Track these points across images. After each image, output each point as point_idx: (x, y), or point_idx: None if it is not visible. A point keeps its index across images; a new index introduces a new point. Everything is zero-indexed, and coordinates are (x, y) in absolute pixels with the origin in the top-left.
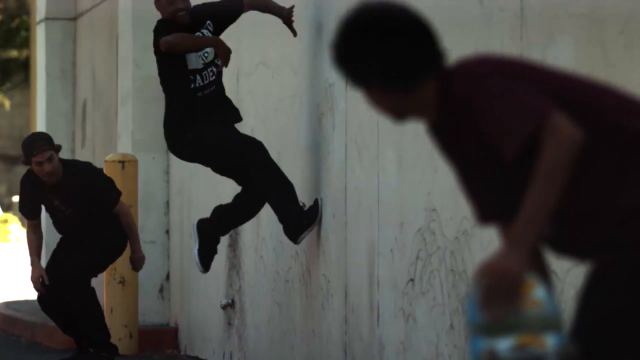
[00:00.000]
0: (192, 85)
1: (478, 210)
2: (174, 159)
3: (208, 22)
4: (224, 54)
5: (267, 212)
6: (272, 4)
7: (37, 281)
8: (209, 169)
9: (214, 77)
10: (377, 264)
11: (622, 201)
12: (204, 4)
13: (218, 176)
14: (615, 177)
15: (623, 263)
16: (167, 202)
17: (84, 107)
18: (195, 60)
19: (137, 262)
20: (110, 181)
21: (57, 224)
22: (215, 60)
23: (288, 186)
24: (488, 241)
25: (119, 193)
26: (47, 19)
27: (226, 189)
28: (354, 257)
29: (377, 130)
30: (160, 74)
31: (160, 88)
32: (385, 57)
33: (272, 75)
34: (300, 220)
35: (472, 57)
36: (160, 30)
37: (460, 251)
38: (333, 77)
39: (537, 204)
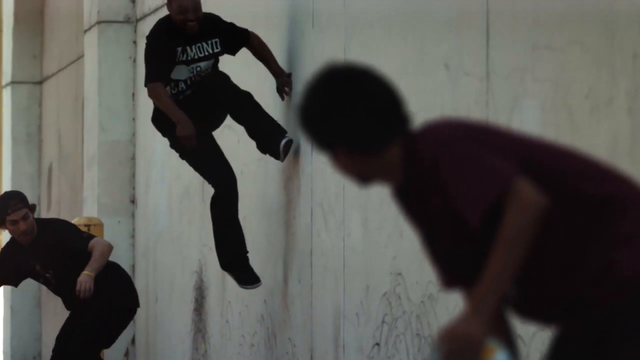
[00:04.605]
0: (170, 90)
1: (442, 275)
2: (139, 223)
3: (216, 39)
4: (182, 137)
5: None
6: (274, 61)
7: None
8: (174, 233)
9: (198, 81)
10: (342, 328)
11: (586, 265)
12: (218, 19)
13: (184, 239)
14: (579, 242)
15: (588, 327)
16: (133, 266)
17: (49, 171)
18: (180, 73)
19: (80, 281)
20: (74, 226)
21: (57, 294)
22: (205, 71)
23: (236, 240)
24: (454, 305)
25: (87, 233)
26: (13, 82)
27: (191, 253)
28: (319, 321)
29: (343, 194)
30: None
31: (125, 152)
32: (351, 120)
33: (238, 139)
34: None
35: (438, 121)
36: (160, 28)
37: (426, 315)
38: (299, 140)
39: (499, 269)
